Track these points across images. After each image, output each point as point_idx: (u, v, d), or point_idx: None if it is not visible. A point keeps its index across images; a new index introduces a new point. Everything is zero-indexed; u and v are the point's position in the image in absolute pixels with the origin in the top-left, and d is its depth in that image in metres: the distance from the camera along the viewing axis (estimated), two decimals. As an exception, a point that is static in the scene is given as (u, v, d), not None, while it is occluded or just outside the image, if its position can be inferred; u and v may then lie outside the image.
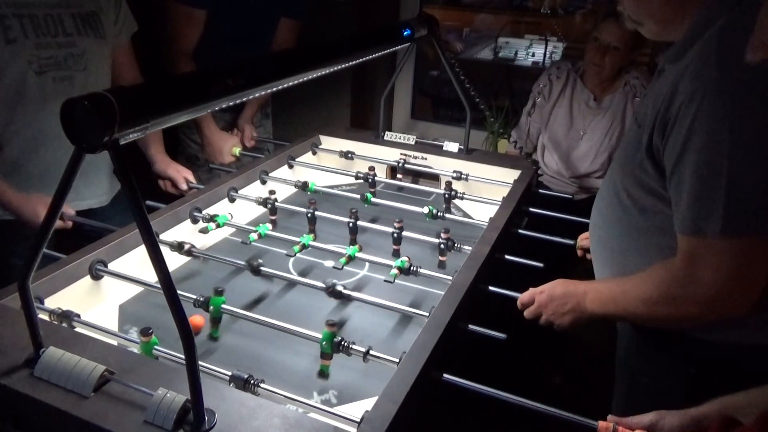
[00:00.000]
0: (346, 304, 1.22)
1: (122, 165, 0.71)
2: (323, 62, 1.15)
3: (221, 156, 2.00)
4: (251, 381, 0.89)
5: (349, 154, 1.87)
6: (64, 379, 0.82)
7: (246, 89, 0.92)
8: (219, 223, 1.41)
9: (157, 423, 0.77)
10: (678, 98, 0.90)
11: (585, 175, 2.11)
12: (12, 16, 1.39)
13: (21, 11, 1.41)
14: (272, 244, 1.43)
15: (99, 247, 1.20)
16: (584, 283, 1.13)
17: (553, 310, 1.14)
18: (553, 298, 1.14)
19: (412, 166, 1.86)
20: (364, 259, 1.33)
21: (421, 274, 1.23)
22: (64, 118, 0.68)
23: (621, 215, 1.09)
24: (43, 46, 1.45)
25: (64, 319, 1.02)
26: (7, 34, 1.38)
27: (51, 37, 1.46)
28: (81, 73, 1.52)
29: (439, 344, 0.97)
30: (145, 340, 0.96)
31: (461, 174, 1.75)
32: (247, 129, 2.10)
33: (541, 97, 2.18)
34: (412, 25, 1.59)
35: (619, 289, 1.06)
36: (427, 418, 0.98)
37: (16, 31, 1.40)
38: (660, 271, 0.99)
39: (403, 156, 1.86)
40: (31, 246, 0.80)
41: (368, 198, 1.59)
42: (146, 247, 0.72)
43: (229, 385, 0.89)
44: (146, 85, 0.79)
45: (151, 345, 0.97)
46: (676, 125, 0.90)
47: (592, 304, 1.09)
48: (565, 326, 1.14)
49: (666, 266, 0.97)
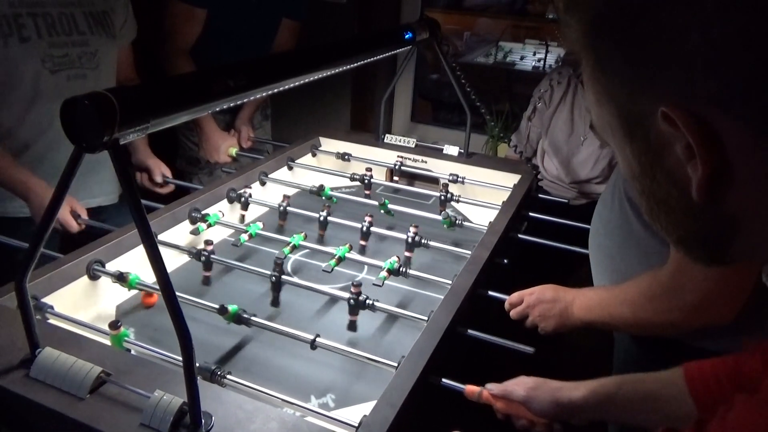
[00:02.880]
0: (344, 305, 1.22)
1: (122, 165, 0.71)
2: (326, 64, 1.15)
3: (217, 154, 2.00)
4: (218, 372, 0.91)
5: (345, 156, 1.86)
6: (60, 380, 0.81)
7: (247, 90, 0.92)
8: (210, 223, 1.40)
9: (154, 426, 0.76)
10: None
11: (585, 181, 2.11)
12: (26, 15, 1.39)
13: (35, 10, 1.41)
14: (271, 245, 1.42)
15: (96, 247, 1.19)
16: (574, 291, 1.13)
17: (540, 313, 1.14)
18: (541, 301, 1.14)
19: (410, 169, 1.85)
20: (362, 262, 1.32)
21: (412, 275, 1.22)
22: (64, 117, 0.68)
23: (623, 222, 1.08)
24: (57, 45, 1.45)
25: (37, 311, 1.01)
26: (21, 33, 1.38)
27: (65, 36, 1.47)
28: (94, 72, 1.53)
29: (438, 349, 0.97)
30: (114, 333, 0.97)
31: (458, 177, 1.74)
32: (244, 130, 2.10)
33: (542, 102, 2.17)
34: (414, 28, 1.59)
35: (606, 294, 1.07)
36: (424, 422, 0.98)
37: (30, 30, 1.40)
38: (648, 276, 0.99)
39: (400, 158, 1.86)
40: (29, 245, 0.80)
41: (385, 204, 1.56)
42: (145, 247, 0.71)
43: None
44: (147, 84, 0.79)
45: (120, 337, 0.97)
46: None
47: (579, 311, 1.09)
48: (549, 330, 1.14)
49: (655, 272, 0.97)
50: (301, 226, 1.48)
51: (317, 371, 1.05)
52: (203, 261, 1.28)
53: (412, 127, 3.06)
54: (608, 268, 1.14)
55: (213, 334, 1.10)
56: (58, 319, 1.03)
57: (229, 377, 0.91)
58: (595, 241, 1.18)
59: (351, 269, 1.36)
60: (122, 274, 1.14)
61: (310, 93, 2.05)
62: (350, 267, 1.36)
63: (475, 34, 3.60)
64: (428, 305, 1.14)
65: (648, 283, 0.98)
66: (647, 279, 0.99)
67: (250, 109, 2.15)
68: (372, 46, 1.39)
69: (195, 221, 1.42)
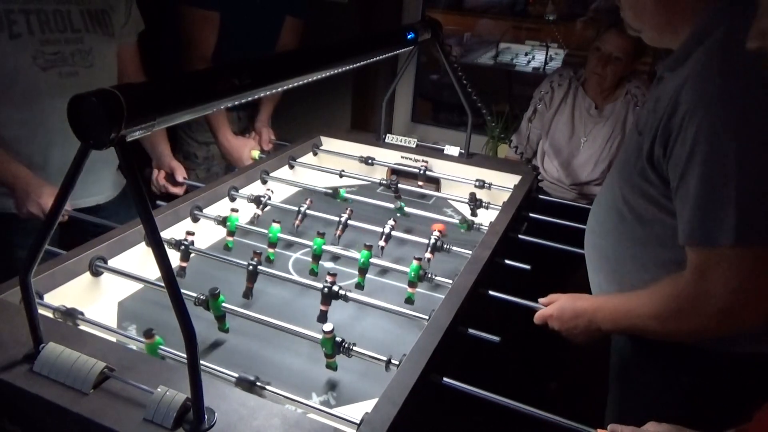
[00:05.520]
0: (345, 306, 1.22)
1: (128, 162, 0.71)
2: (331, 63, 1.15)
3: (242, 162, 1.98)
4: (257, 383, 0.89)
5: (369, 160, 1.85)
6: (64, 375, 0.82)
7: (252, 89, 0.92)
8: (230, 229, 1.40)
9: (157, 421, 0.76)
10: (681, 108, 0.89)
11: (585, 183, 2.12)
12: (18, 11, 1.39)
13: (28, 7, 1.41)
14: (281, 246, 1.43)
15: (99, 243, 1.20)
16: (591, 301, 1.12)
17: (567, 334, 1.14)
18: (563, 323, 1.13)
19: (435, 174, 1.84)
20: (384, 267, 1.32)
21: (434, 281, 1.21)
22: (71, 114, 0.68)
23: (618, 223, 1.08)
24: (49, 42, 1.45)
25: (67, 317, 1.01)
26: (12, 30, 1.38)
27: (59, 33, 1.46)
28: (87, 70, 1.52)
29: (439, 347, 0.98)
30: (149, 341, 0.95)
31: (484, 183, 1.73)
32: (265, 132, 2.10)
33: (543, 103, 2.18)
34: (416, 28, 1.59)
35: (629, 303, 1.05)
36: (425, 420, 0.98)
37: (21, 27, 1.40)
38: (668, 286, 0.97)
39: (424, 164, 1.84)
40: (34, 240, 0.80)
41: (401, 207, 1.55)
42: (151, 244, 0.72)
43: (235, 387, 0.89)
44: (153, 82, 0.79)
45: (155, 345, 0.95)
46: (680, 136, 0.89)
47: (605, 324, 1.08)
48: (581, 344, 1.14)
49: (674, 281, 0.96)
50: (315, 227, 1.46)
51: (318, 369, 1.05)
52: (182, 250, 1.26)
53: (413, 127, 3.06)
54: (603, 268, 1.14)
55: (215, 331, 1.11)
56: (89, 325, 1.02)
57: (230, 373, 0.92)
58: (591, 241, 1.19)
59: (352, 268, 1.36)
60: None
61: (311, 92, 2.05)
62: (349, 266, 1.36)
63: (475, 35, 3.60)
64: (429, 304, 1.15)
65: (670, 292, 0.97)
66: (668, 289, 0.97)
67: (267, 111, 2.15)
68: (376, 46, 1.40)
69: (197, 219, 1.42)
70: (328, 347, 0.98)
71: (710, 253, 0.90)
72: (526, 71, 3.22)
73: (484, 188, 1.72)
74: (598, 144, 2.08)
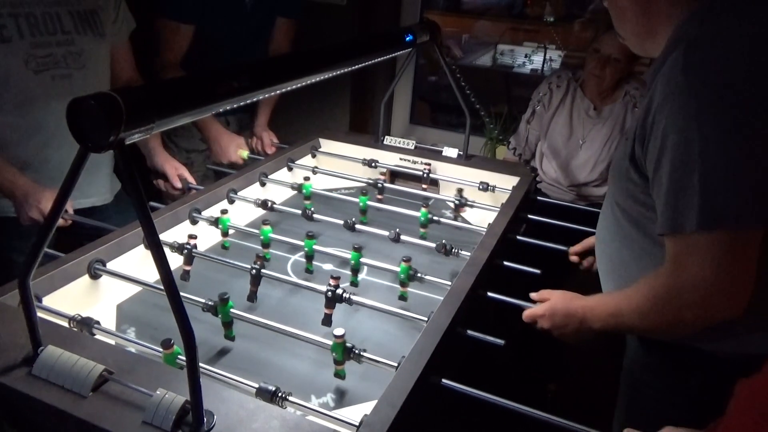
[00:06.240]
0: (343, 308, 1.22)
1: (127, 165, 0.72)
2: (330, 66, 1.15)
3: (226, 155, 1.98)
4: (279, 394, 0.87)
5: (372, 163, 1.85)
6: (63, 378, 0.82)
7: (251, 91, 0.93)
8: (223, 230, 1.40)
9: (156, 424, 0.76)
10: (653, 106, 0.92)
11: (583, 184, 2.12)
12: (7, 15, 1.38)
13: (17, 10, 1.40)
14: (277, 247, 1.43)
15: (98, 246, 1.20)
16: (582, 303, 1.13)
17: (558, 334, 1.15)
18: (554, 323, 1.14)
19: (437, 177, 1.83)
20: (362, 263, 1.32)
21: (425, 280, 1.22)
22: (69, 118, 0.68)
23: (616, 228, 1.10)
24: (40, 45, 1.44)
25: (83, 327, 1.01)
26: (2, 34, 1.38)
27: (49, 36, 1.46)
28: (80, 71, 1.52)
29: (438, 349, 0.98)
30: (167, 352, 0.94)
31: (488, 185, 1.73)
32: (265, 136, 2.09)
33: (541, 105, 2.19)
34: (415, 30, 1.60)
35: (613, 304, 1.06)
36: (424, 422, 0.98)
37: (11, 30, 1.39)
38: (649, 280, 0.99)
39: (427, 167, 1.83)
40: (33, 243, 0.80)
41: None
42: (150, 247, 0.72)
43: (256, 397, 0.87)
44: (152, 85, 0.80)
45: (174, 355, 0.94)
46: (653, 131, 0.92)
47: (595, 324, 1.09)
48: (572, 343, 1.14)
49: (655, 274, 0.98)
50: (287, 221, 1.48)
51: (317, 371, 1.05)
52: (185, 254, 1.26)
53: (411, 129, 3.07)
54: (612, 273, 1.15)
55: (213, 333, 1.11)
56: (104, 334, 1.01)
57: (229, 376, 0.92)
58: (600, 249, 1.20)
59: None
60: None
61: (310, 94, 2.06)
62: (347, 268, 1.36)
63: (474, 37, 3.61)
64: (428, 306, 1.15)
65: (649, 287, 0.98)
66: (648, 283, 0.99)
67: (266, 114, 2.14)
68: (374, 48, 1.40)
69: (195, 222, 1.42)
70: (339, 353, 0.97)
71: (682, 242, 0.91)
72: (524, 73, 3.22)
73: (487, 191, 1.72)
74: (596, 145, 2.08)
